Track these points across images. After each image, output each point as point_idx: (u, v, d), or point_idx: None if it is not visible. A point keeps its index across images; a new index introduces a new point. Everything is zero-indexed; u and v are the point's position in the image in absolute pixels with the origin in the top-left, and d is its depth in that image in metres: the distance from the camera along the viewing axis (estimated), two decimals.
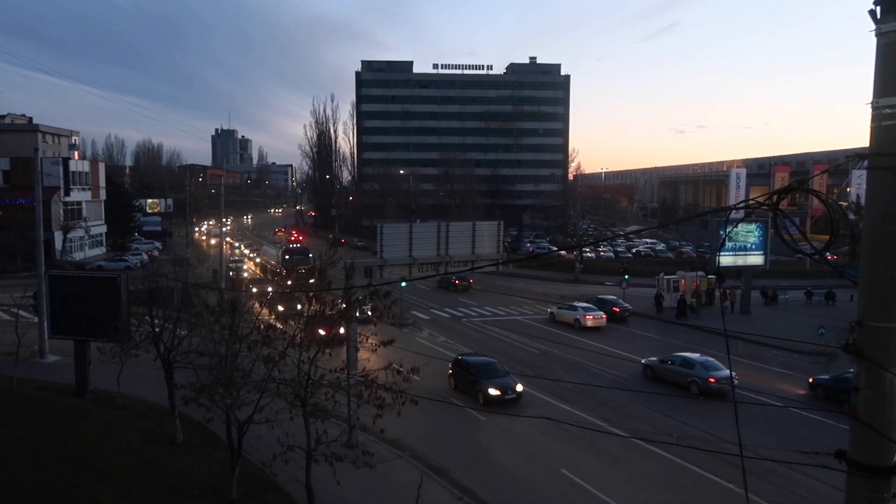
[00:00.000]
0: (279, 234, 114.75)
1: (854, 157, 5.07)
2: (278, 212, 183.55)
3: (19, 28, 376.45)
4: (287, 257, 59.09)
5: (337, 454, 13.46)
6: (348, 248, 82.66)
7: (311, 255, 56.65)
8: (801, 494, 17.57)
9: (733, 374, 26.72)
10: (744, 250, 45.68)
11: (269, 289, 33.92)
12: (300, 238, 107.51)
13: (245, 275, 58.42)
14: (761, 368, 30.95)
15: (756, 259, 46.05)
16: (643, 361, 30.52)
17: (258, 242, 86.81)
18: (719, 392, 26.47)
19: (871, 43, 4.78)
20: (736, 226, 39.96)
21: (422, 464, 19.56)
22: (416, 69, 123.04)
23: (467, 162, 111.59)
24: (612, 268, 64.82)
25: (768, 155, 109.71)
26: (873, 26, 4.70)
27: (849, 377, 29.45)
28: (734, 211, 6.59)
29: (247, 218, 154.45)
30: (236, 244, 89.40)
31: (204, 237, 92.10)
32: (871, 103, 4.78)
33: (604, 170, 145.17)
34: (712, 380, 26.81)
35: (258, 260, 72.18)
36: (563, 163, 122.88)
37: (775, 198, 5.06)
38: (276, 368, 14.10)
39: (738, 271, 47.26)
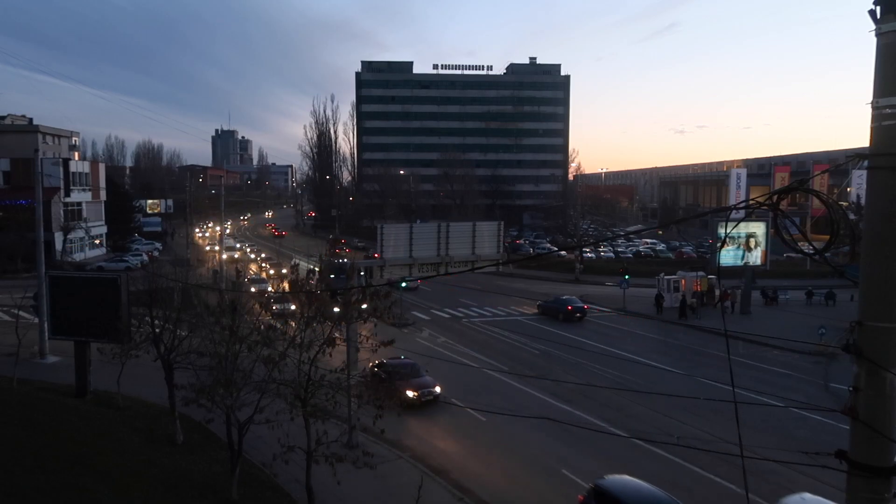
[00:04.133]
0: (269, 229, 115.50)
1: (854, 157, 5.08)
2: (245, 220, 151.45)
3: (19, 28, 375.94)
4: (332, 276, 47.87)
5: (337, 454, 13.49)
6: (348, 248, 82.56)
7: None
8: None
9: None
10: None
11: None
12: (283, 233, 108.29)
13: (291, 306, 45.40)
14: (761, 368, 30.94)
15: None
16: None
17: (281, 254, 75.24)
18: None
19: (871, 43, 4.78)
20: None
21: (422, 464, 19.57)
22: (417, 69, 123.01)
23: (467, 162, 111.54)
24: (612, 268, 64.75)
25: (768, 155, 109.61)
26: (873, 26, 4.70)
27: (561, 300, 41.02)
28: (734, 211, 6.59)
29: (226, 225, 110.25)
30: (237, 245, 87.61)
31: (209, 246, 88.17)
32: (871, 103, 4.78)
33: (604, 170, 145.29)
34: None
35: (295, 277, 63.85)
36: (564, 163, 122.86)
37: (775, 198, 5.05)
38: (276, 369, 14.11)
39: (738, 271, 47.26)
